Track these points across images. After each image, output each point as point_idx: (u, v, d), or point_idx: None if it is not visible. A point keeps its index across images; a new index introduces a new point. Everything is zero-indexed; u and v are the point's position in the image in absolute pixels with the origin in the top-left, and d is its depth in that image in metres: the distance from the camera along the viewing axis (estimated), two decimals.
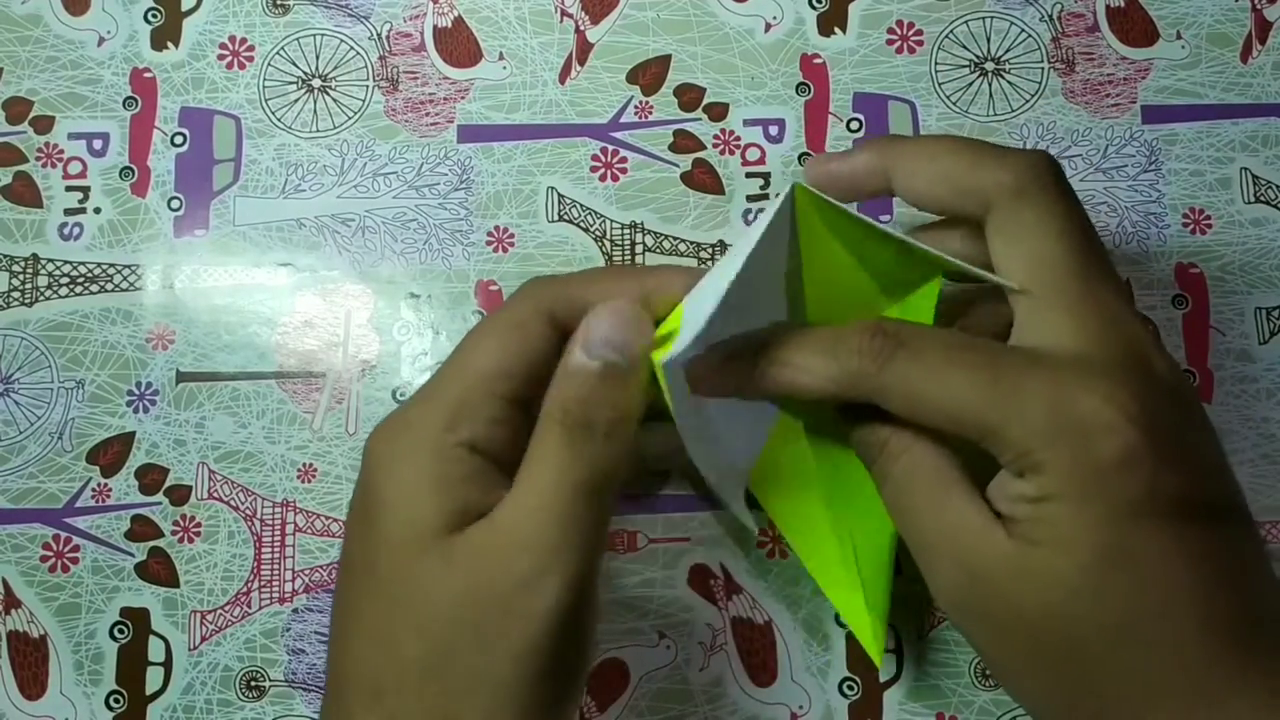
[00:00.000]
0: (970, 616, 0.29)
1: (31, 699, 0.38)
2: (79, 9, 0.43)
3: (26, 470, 0.40)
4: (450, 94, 0.42)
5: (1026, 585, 0.27)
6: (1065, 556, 0.26)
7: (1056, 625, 0.27)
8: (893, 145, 0.31)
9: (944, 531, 0.28)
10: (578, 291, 0.30)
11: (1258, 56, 0.42)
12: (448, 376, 0.29)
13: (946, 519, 0.28)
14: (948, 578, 0.29)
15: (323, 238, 0.41)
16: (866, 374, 0.28)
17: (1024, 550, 0.27)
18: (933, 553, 0.29)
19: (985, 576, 0.28)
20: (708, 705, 0.38)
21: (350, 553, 0.29)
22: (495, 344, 0.29)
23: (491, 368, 0.29)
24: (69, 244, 0.41)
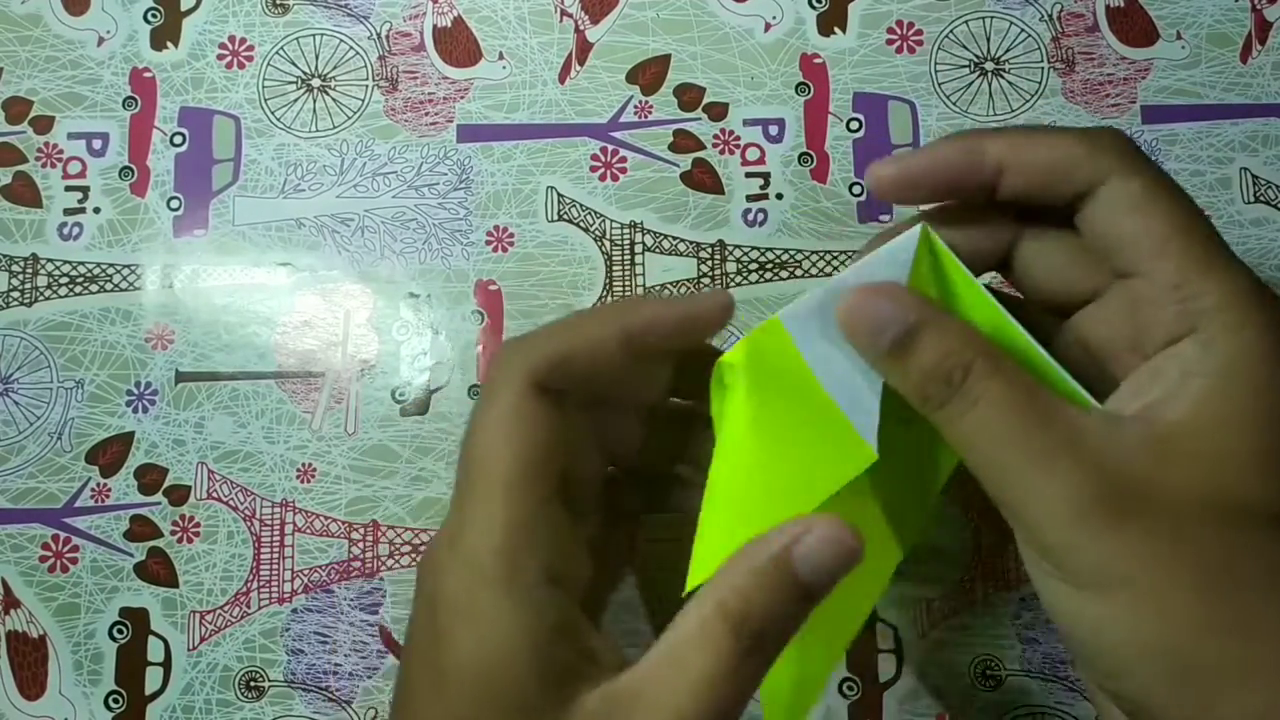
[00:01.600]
0: (1098, 524, 0.24)
1: (31, 699, 0.38)
2: (79, 9, 0.43)
3: (26, 470, 0.40)
4: (450, 94, 0.42)
5: (1186, 470, 0.25)
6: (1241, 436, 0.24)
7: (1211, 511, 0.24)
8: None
9: (1063, 439, 0.25)
10: (559, 352, 0.28)
11: (1258, 56, 0.42)
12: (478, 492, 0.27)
13: (1061, 422, 0.25)
14: (1077, 489, 0.24)
15: (322, 237, 0.41)
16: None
17: (1181, 434, 0.25)
18: (1049, 468, 0.25)
19: (1122, 472, 0.25)
20: None
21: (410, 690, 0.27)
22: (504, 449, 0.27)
23: (516, 477, 0.27)
24: (69, 244, 0.41)
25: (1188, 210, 0.27)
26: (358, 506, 0.39)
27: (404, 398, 0.40)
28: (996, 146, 0.28)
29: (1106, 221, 0.27)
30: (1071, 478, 0.25)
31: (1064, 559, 0.25)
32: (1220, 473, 0.25)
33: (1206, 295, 0.25)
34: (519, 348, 0.29)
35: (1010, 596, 0.38)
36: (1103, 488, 0.25)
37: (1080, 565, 0.25)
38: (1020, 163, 0.27)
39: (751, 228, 0.41)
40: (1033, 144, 0.28)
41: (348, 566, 0.39)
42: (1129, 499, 0.24)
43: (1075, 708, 0.38)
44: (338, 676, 0.38)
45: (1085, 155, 0.27)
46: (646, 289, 0.41)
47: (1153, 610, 0.24)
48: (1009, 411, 0.26)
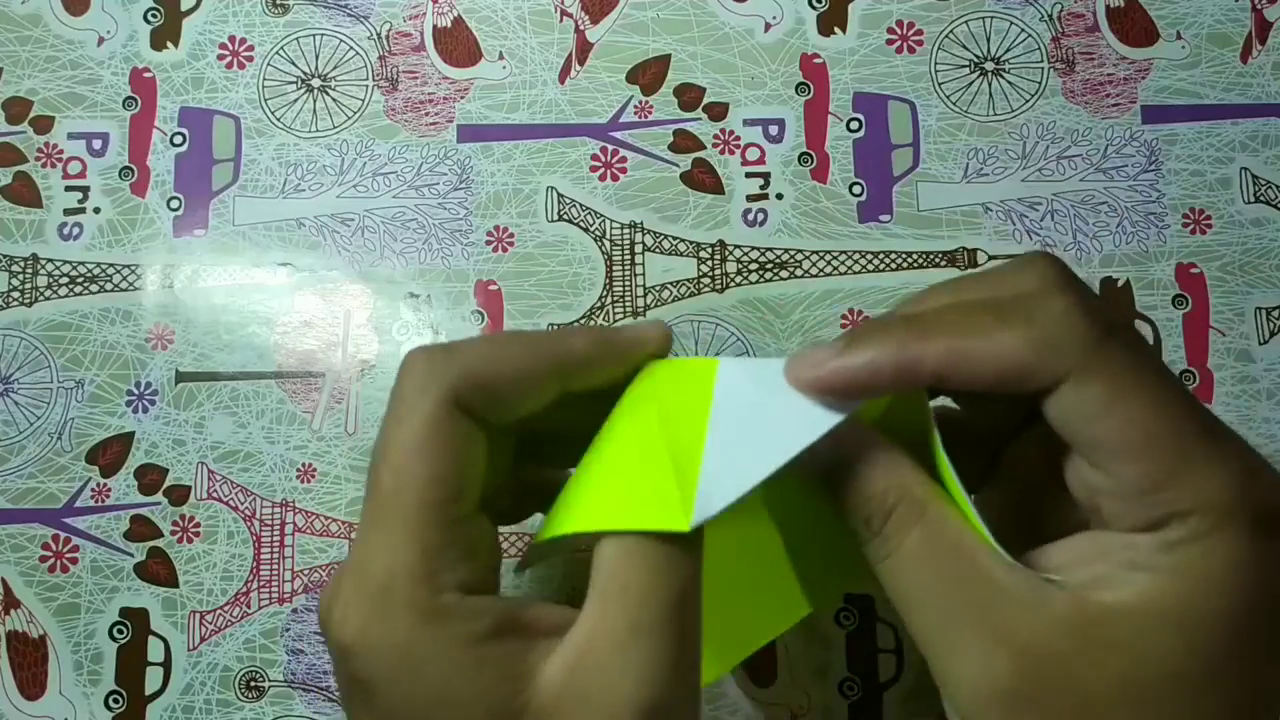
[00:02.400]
0: (1013, 701, 0.23)
1: (31, 699, 0.38)
2: (79, 9, 0.43)
3: (26, 470, 0.40)
4: (450, 94, 0.42)
5: (1101, 658, 0.23)
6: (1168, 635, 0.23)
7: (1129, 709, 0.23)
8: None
9: (978, 604, 0.24)
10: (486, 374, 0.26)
11: (1258, 56, 0.42)
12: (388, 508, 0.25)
13: (980, 589, 0.24)
14: (984, 662, 0.23)
15: (322, 237, 0.41)
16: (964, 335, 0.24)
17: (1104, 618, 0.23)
18: (960, 633, 0.24)
19: (1041, 649, 0.23)
20: (708, 705, 0.38)
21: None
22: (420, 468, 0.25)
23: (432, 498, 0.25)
24: (69, 244, 0.41)
25: (1160, 405, 0.24)
26: (358, 506, 0.39)
27: None
28: (932, 355, 0.24)
29: (1066, 423, 0.24)
30: (982, 648, 0.24)
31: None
32: (1144, 669, 0.23)
33: (1177, 501, 0.23)
34: (438, 360, 0.26)
35: None
36: (1013, 664, 0.23)
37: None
38: (961, 374, 0.25)
39: (751, 228, 0.41)
40: (972, 351, 0.24)
41: None
42: (1039, 680, 0.23)
43: None
44: None
45: (1035, 362, 0.24)
46: (646, 289, 0.41)
47: None
48: (926, 566, 0.24)
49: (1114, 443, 0.24)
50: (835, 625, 0.38)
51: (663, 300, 0.41)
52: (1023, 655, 0.23)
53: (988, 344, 0.24)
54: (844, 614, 0.38)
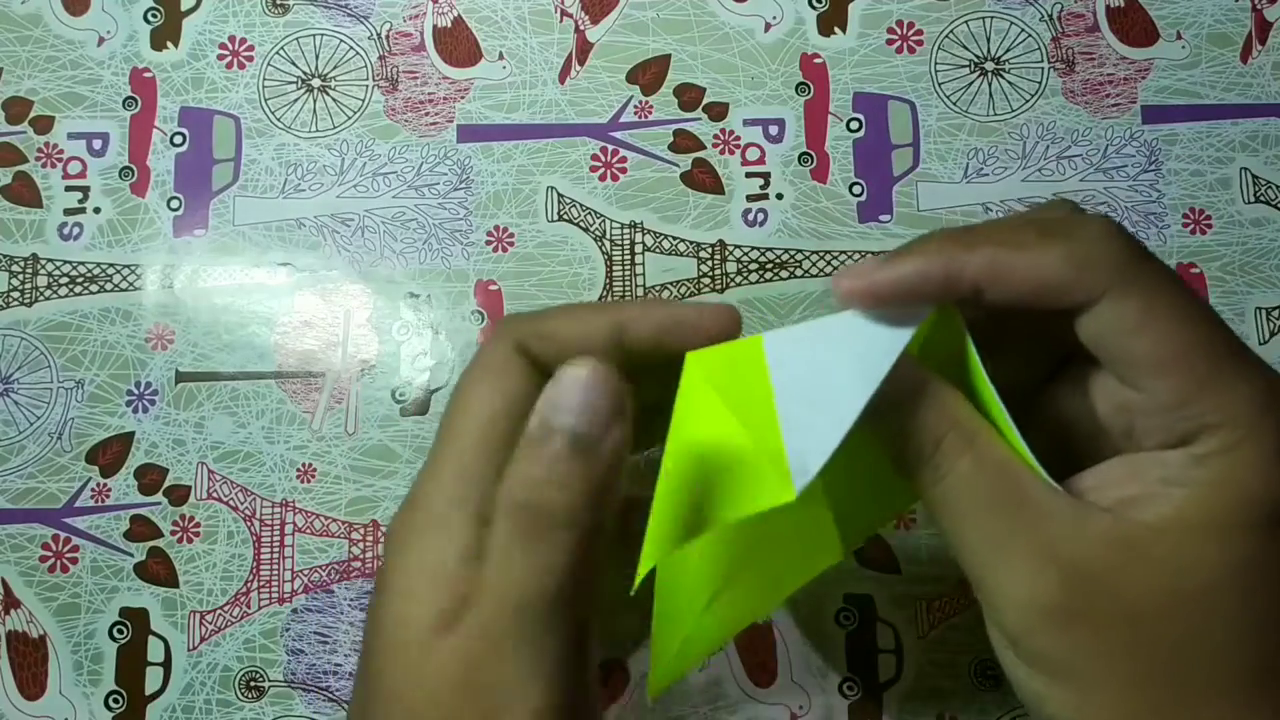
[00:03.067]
0: (1056, 616, 0.24)
1: (31, 699, 0.38)
2: (79, 9, 0.43)
3: (26, 470, 0.40)
4: (450, 94, 0.42)
5: (1144, 573, 0.24)
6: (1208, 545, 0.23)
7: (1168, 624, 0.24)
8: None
9: (1025, 525, 0.25)
10: (550, 327, 0.28)
11: (1258, 56, 0.42)
12: (444, 441, 0.28)
13: (1027, 511, 0.25)
14: (1032, 579, 0.24)
15: (322, 237, 0.41)
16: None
17: (1145, 536, 0.24)
18: (1008, 553, 0.25)
19: (1084, 565, 0.24)
20: (707, 705, 0.38)
21: (363, 647, 0.28)
22: (478, 397, 0.28)
23: (481, 425, 0.27)
24: (69, 244, 0.41)
25: (1192, 323, 0.25)
26: (358, 506, 0.39)
27: (404, 398, 0.40)
28: (975, 265, 0.26)
29: (1101, 339, 0.26)
30: (1030, 566, 0.24)
31: (1020, 643, 0.25)
32: (1184, 581, 0.24)
33: (1207, 414, 0.24)
34: (514, 319, 0.29)
35: None
36: (1060, 580, 0.24)
37: (1034, 651, 0.25)
38: (1001, 285, 0.26)
39: (751, 228, 0.41)
40: (1014, 263, 0.25)
41: (348, 566, 0.39)
42: (1085, 595, 0.24)
43: None
44: (338, 676, 0.38)
45: (1074, 277, 0.25)
46: (646, 289, 0.41)
47: (1099, 705, 0.24)
48: (975, 490, 0.25)
49: (1148, 357, 0.25)
50: (835, 625, 0.38)
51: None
52: (1068, 572, 0.24)
53: (1029, 256, 0.25)
54: (844, 614, 0.38)
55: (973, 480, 0.25)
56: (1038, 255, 0.25)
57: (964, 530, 0.26)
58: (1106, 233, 0.26)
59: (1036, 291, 0.25)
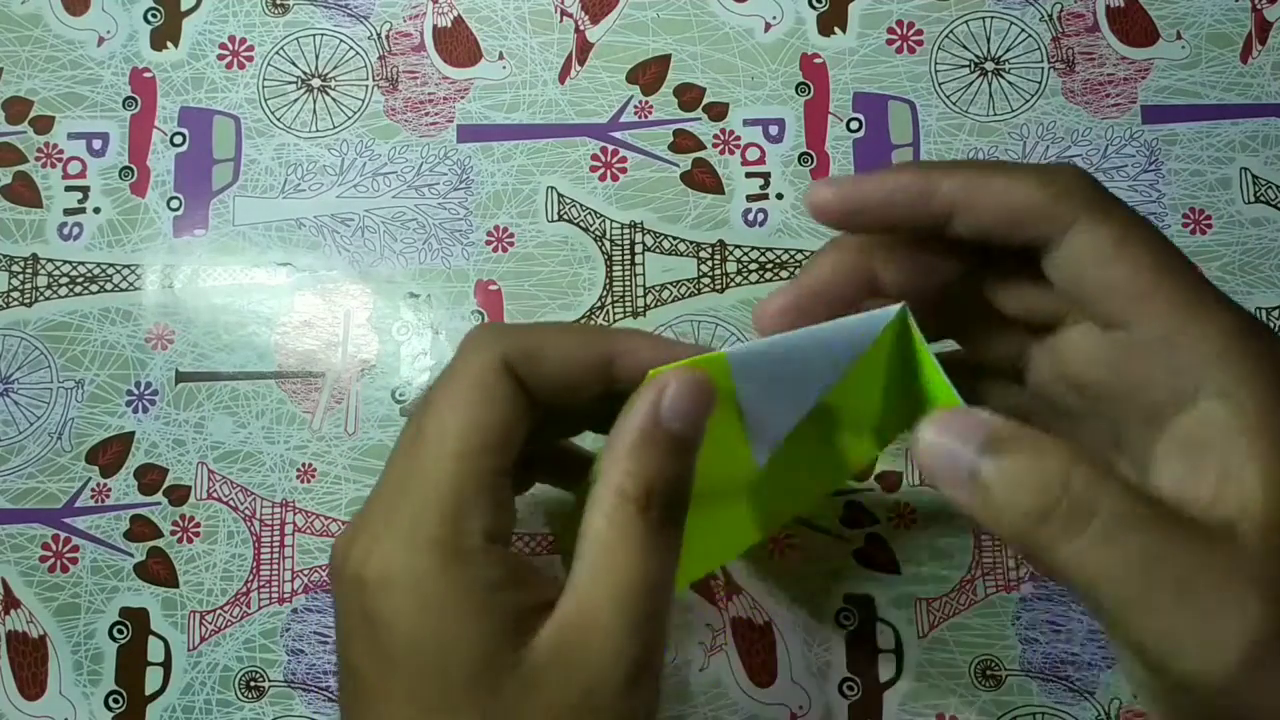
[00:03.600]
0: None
1: (31, 699, 0.38)
2: (79, 9, 0.43)
3: (26, 470, 0.40)
4: (450, 94, 0.42)
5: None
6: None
7: None
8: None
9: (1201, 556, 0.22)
10: (539, 348, 0.27)
11: (1258, 56, 0.42)
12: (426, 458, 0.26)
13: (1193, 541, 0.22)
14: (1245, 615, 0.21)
15: (322, 237, 0.41)
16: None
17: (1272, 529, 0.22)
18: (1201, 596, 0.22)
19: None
20: (708, 705, 0.38)
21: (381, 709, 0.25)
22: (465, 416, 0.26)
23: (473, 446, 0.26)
24: (69, 244, 0.41)
25: (1166, 253, 0.24)
26: (358, 507, 0.39)
27: (404, 398, 0.40)
28: (950, 183, 0.25)
29: (1077, 272, 0.25)
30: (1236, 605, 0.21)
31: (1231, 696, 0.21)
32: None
33: (1204, 343, 0.23)
34: (497, 331, 0.28)
35: (1010, 596, 0.38)
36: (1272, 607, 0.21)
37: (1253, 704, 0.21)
38: (974, 205, 0.25)
39: (751, 228, 0.41)
40: (988, 185, 0.25)
41: None
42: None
43: (1075, 708, 0.38)
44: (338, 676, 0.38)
45: (1048, 201, 0.24)
46: (646, 289, 0.41)
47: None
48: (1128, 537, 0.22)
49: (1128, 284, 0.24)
50: (835, 625, 0.38)
51: (663, 300, 0.41)
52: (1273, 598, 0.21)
53: (1004, 180, 0.25)
54: (844, 614, 0.38)
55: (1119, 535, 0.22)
56: (1012, 181, 0.25)
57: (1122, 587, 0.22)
58: (1078, 172, 0.25)
59: (1009, 218, 0.25)
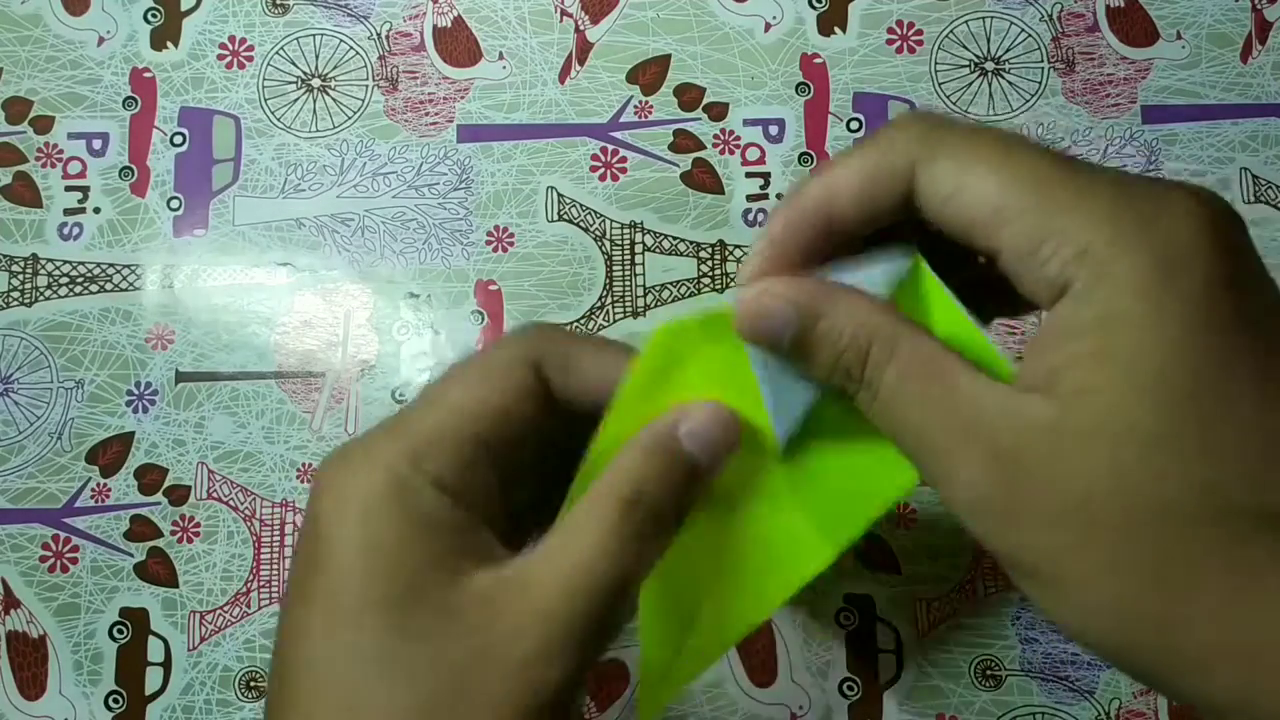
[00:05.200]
0: (1004, 515, 0.23)
1: (31, 699, 0.38)
2: (79, 9, 0.43)
3: (26, 470, 0.40)
4: (450, 94, 0.42)
5: (1078, 451, 0.22)
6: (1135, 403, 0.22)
7: (1118, 497, 0.22)
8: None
9: (960, 419, 0.24)
10: (574, 359, 0.28)
11: (1258, 56, 0.42)
12: (419, 408, 0.27)
13: (961, 404, 0.24)
14: (971, 472, 0.23)
15: (322, 237, 0.41)
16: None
17: (1071, 409, 0.22)
18: (947, 451, 0.24)
19: (1020, 456, 0.23)
20: (708, 705, 0.38)
21: (302, 601, 0.26)
22: (475, 382, 0.27)
23: (468, 405, 0.26)
24: (69, 244, 0.41)
25: (1008, 161, 0.24)
26: None
27: (404, 398, 0.40)
28: (812, 194, 0.25)
29: (939, 216, 0.25)
30: (969, 465, 0.23)
31: (988, 546, 0.24)
32: (1120, 449, 0.22)
33: (1065, 247, 0.23)
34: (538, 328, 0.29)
35: (1010, 596, 0.38)
36: (1003, 476, 0.23)
37: (1001, 552, 0.24)
38: (836, 203, 0.25)
39: (752, 228, 0.41)
40: (839, 175, 0.25)
41: None
42: (1030, 486, 0.23)
43: (1075, 708, 0.38)
44: None
45: (882, 158, 0.25)
46: (646, 289, 0.41)
47: (1076, 601, 0.23)
48: (906, 400, 0.24)
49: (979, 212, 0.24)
50: (835, 625, 0.38)
51: (663, 300, 0.41)
52: (1009, 462, 0.23)
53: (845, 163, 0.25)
54: (844, 614, 0.38)
55: (903, 387, 0.24)
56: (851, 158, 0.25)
57: (907, 439, 0.25)
58: (904, 116, 0.25)
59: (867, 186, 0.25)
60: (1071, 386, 0.23)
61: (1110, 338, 0.22)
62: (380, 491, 0.25)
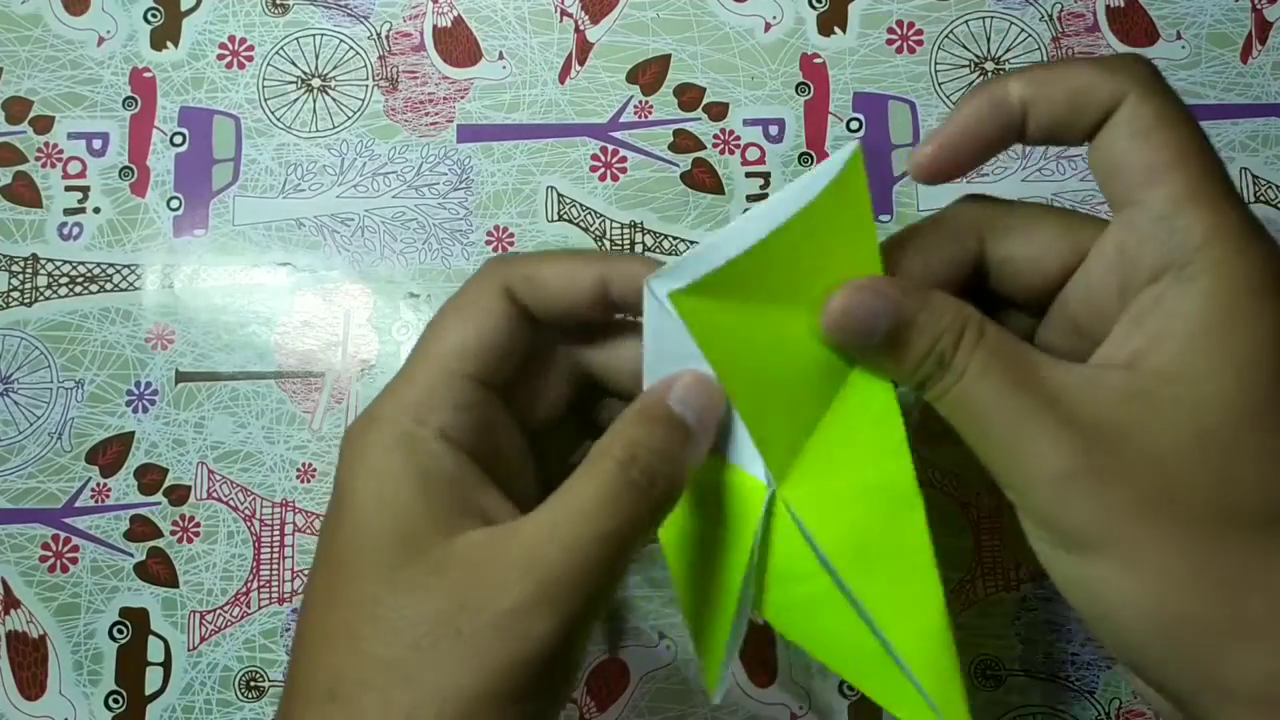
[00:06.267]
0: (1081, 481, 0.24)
1: (31, 699, 0.38)
2: (79, 9, 0.43)
3: (26, 470, 0.40)
4: (450, 94, 0.42)
5: (1163, 418, 0.24)
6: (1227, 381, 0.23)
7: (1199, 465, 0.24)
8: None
9: (1044, 400, 0.25)
10: (539, 273, 0.29)
11: (1258, 56, 0.42)
12: (413, 365, 0.29)
13: (1044, 387, 0.25)
14: (1051, 442, 0.24)
15: (322, 237, 0.41)
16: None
17: (1161, 380, 0.24)
18: (1030, 433, 0.25)
19: (1101, 424, 0.24)
20: (708, 705, 0.38)
21: (321, 556, 0.28)
22: (455, 326, 0.29)
23: (453, 349, 0.28)
24: (69, 244, 0.41)
25: (1193, 139, 0.26)
26: None
27: None
28: (1018, 87, 0.27)
29: (1111, 147, 0.26)
30: (1051, 438, 0.24)
31: (1053, 523, 0.25)
32: (1205, 419, 0.24)
33: (1194, 227, 0.24)
34: (501, 259, 0.30)
35: (1010, 597, 0.38)
36: (1081, 443, 0.24)
37: (1069, 527, 0.25)
38: (1042, 97, 0.27)
39: None
40: (1052, 77, 0.27)
41: None
42: (1111, 455, 0.24)
43: (1075, 708, 0.38)
44: None
45: (1103, 80, 0.26)
46: None
47: (1142, 568, 0.24)
48: (991, 379, 0.26)
49: (1152, 161, 0.25)
50: None
51: None
52: (1089, 433, 0.24)
53: (1061, 69, 0.27)
54: None
55: (990, 370, 0.26)
56: (1073, 70, 0.27)
57: (989, 424, 0.26)
58: (1135, 58, 0.27)
59: (1071, 100, 0.26)
60: (1166, 360, 0.24)
61: (1213, 320, 0.24)
62: (389, 448, 0.27)
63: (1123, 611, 0.24)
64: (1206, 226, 0.24)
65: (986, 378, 0.26)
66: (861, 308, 0.27)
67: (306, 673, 0.26)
